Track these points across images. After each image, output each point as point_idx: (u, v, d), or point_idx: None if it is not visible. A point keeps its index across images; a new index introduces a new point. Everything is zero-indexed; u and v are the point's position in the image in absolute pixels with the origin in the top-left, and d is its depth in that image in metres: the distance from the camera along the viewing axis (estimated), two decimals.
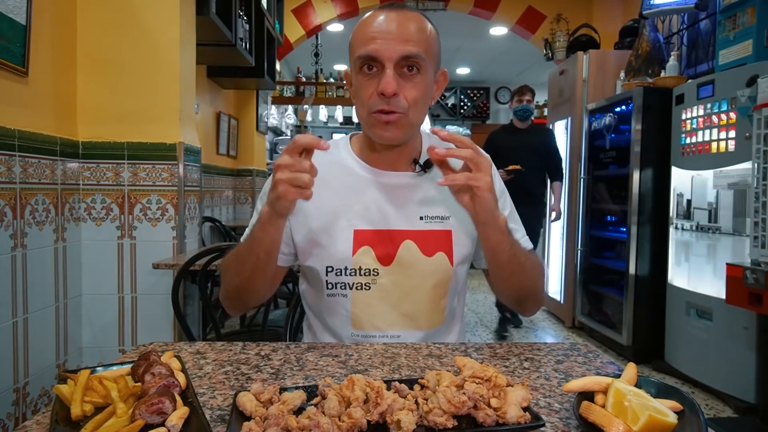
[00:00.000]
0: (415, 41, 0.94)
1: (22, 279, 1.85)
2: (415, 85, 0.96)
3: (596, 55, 4.15)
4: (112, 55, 2.28)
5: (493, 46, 7.48)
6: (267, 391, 0.65)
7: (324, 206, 1.05)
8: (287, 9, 5.38)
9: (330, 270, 1.04)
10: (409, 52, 0.94)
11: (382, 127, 0.97)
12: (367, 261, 1.03)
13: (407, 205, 1.06)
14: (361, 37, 0.97)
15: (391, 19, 0.95)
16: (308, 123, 8.16)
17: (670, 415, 0.60)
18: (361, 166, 1.08)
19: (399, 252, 1.04)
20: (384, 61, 0.94)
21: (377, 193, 1.05)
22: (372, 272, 1.04)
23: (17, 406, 1.84)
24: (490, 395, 0.65)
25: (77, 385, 0.66)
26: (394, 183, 1.06)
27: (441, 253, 1.05)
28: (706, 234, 2.86)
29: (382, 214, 1.05)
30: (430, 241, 1.05)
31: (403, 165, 1.07)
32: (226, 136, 4.32)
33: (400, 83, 0.95)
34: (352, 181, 1.07)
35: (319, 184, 0.99)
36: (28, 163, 1.88)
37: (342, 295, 1.05)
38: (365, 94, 0.97)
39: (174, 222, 2.33)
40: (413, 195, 1.06)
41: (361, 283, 1.04)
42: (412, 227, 1.05)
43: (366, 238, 1.04)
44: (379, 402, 0.61)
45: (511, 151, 3.86)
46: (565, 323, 4.35)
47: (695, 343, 2.86)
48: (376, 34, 0.94)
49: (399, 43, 0.93)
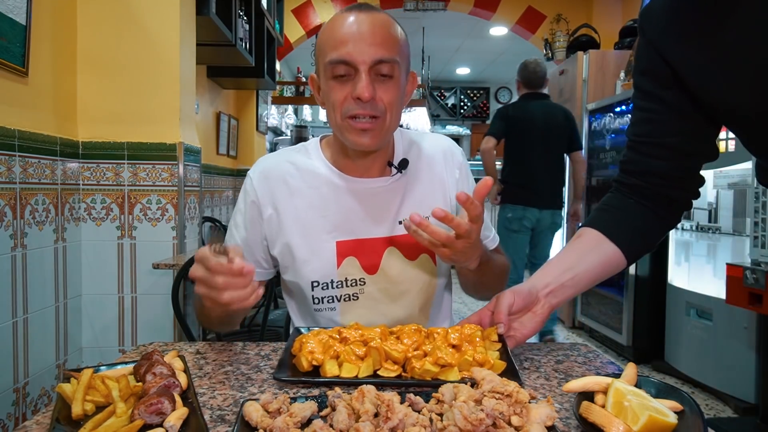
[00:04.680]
0: (388, 45, 0.92)
1: (22, 279, 1.85)
2: (389, 89, 0.94)
3: (596, 55, 4.15)
4: (112, 55, 2.27)
5: (493, 46, 7.49)
6: (276, 401, 0.63)
7: (301, 219, 1.03)
8: (287, 9, 5.38)
9: (316, 285, 1.03)
10: (383, 56, 0.91)
11: (359, 134, 0.94)
12: (353, 271, 1.03)
13: (386, 211, 1.04)
14: (332, 40, 0.93)
15: (362, 20, 0.92)
16: (308, 123, 8.16)
17: (670, 415, 0.60)
18: (335, 174, 1.04)
19: (383, 260, 1.03)
20: (358, 65, 0.90)
21: (354, 202, 1.03)
22: (359, 282, 1.03)
23: (17, 406, 1.84)
24: (510, 412, 0.60)
25: (79, 384, 0.66)
26: (371, 188, 1.04)
27: (424, 255, 1.05)
28: (706, 234, 2.86)
29: (361, 222, 1.03)
30: (412, 244, 1.04)
31: (377, 170, 1.05)
32: (226, 136, 4.32)
33: (375, 87, 0.92)
34: (327, 191, 1.04)
35: (293, 196, 1.02)
36: (28, 163, 1.88)
37: (330, 309, 1.04)
38: (338, 98, 0.93)
39: (174, 222, 2.33)
40: (391, 200, 1.05)
41: (348, 294, 1.03)
42: (392, 233, 1.04)
43: (349, 248, 1.02)
44: (389, 416, 0.58)
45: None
46: (565, 323, 4.36)
47: (695, 343, 2.86)
48: (347, 36, 0.91)
49: (372, 46, 0.90)
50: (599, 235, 0.95)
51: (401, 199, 1.05)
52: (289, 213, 1.02)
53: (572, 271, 0.93)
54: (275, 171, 1.06)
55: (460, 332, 0.82)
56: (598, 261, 0.94)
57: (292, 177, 1.04)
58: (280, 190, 1.04)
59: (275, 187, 1.05)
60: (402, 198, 1.05)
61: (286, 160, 1.07)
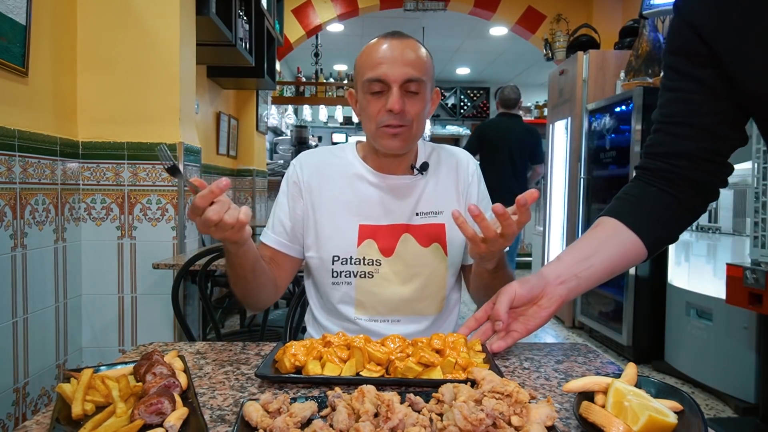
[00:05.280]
0: (416, 65, 1.09)
1: (22, 279, 1.85)
2: (416, 103, 1.10)
3: (596, 55, 4.15)
4: (112, 55, 2.28)
5: (493, 46, 7.48)
6: (276, 401, 0.63)
7: (332, 201, 1.18)
8: (287, 9, 5.38)
9: (336, 259, 1.16)
10: (412, 75, 1.08)
11: (390, 138, 1.11)
12: (371, 252, 1.16)
13: (405, 204, 1.19)
14: (369, 62, 1.11)
15: (395, 46, 1.10)
16: (308, 123, 8.16)
17: (670, 415, 0.60)
18: (365, 169, 1.20)
19: (399, 244, 1.17)
20: (391, 83, 1.08)
21: (379, 193, 1.18)
22: (375, 262, 1.16)
23: (17, 406, 1.84)
24: (510, 412, 0.60)
25: (79, 384, 0.66)
26: (394, 184, 1.19)
27: (436, 244, 1.18)
28: (706, 234, 2.86)
29: (384, 210, 1.18)
30: (426, 233, 1.18)
31: (402, 170, 1.20)
32: (226, 136, 4.32)
33: (405, 101, 1.09)
34: (357, 182, 1.19)
35: (328, 182, 1.21)
36: (28, 163, 1.88)
37: (346, 283, 1.17)
38: (373, 110, 1.10)
39: (174, 222, 2.33)
40: (411, 194, 1.19)
41: (364, 272, 1.16)
42: (410, 222, 1.18)
43: (369, 231, 1.16)
44: (389, 416, 0.58)
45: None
46: (565, 323, 4.36)
47: (695, 343, 2.86)
48: (382, 59, 1.09)
49: (403, 66, 1.08)
50: (618, 223, 0.91)
51: (419, 195, 1.20)
52: (322, 195, 1.19)
53: (588, 261, 0.90)
54: (315, 161, 1.23)
55: (444, 339, 0.83)
56: (616, 251, 0.91)
57: (328, 167, 1.22)
58: (317, 176, 1.20)
59: (314, 173, 1.21)
60: (420, 194, 1.20)
61: (325, 156, 1.25)
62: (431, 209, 1.19)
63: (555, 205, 4.64)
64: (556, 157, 4.62)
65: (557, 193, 4.60)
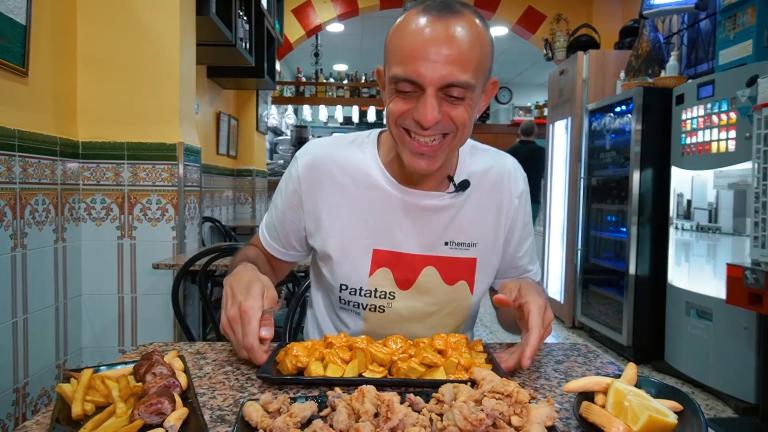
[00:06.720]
0: (464, 63, 0.78)
1: (22, 279, 1.85)
2: (459, 110, 0.82)
3: (596, 55, 4.15)
4: (112, 55, 2.27)
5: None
6: (276, 401, 0.63)
7: (342, 219, 0.97)
8: (287, 9, 5.38)
9: (344, 288, 0.98)
10: (455, 79, 0.78)
11: (415, 157, 0.85)
12: (384, 283, 0.97)
13: (434, 229, 0.96)
14: (400, 49, 0.80)
15: (438, 30, 0.77)
16: (308, 123, 8.16)
17: (670, 415, 0.60)
18: (386, 179, 0.96)
19: (419, 278, 0.97)
20: (425, 86, 0.79)
21: (401, 213, 0.95)
22: (388, 295, 0.97)
23: (17, 406, 1.84)
24: (510, 412, 0.60)
25: (79, 384, 0.66)
26: (423, 204, 0.95)
27: (463, 282, 0.99)
28: (706, 234, 2.86)
29: (404, 235, 0.96)
30: (453, 268, 0.97)
31: (434, 182, 0.95)
32: (226, 136, 4.32)
33: (442, 106, 0.81)
34: (374, 196, 0.96)
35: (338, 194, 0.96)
36: (28, 163, 1.88)
37: (355, 313, 1.01)
38: (397, 111, 0.83)
39: (174, 222, 2.33)
40: (442, 218, 0.96)
41: (375, 305, 0.98)
42: (435, 253, 0.97)
43: (385, 259, 0.96)
44: (389, 416, 0.57)
45: None
46: (565, 323, 4.35)
47: (695, 343, 2.86)
48: (417, 51, 0.78)
49: (445, 65, 0.77)
50: None
51: (451, 219, 0.97)
52: (331, 211, 0.96)
53: None
54: (324, 162, 0.98)
55: (446, 340, 0.83)
56: None
57: (341, 171, 0.96)
58: (325, 185, 0.97)
59: (321, 180, 0.97)
60: (453, 218, 0.97)
61: (338, 152, 0.99)
62: (464, 240, 0.97)
63: (555, 205, 4.64)
64: (557, 157, 4.62)
65: (557, 193, 4.60)
